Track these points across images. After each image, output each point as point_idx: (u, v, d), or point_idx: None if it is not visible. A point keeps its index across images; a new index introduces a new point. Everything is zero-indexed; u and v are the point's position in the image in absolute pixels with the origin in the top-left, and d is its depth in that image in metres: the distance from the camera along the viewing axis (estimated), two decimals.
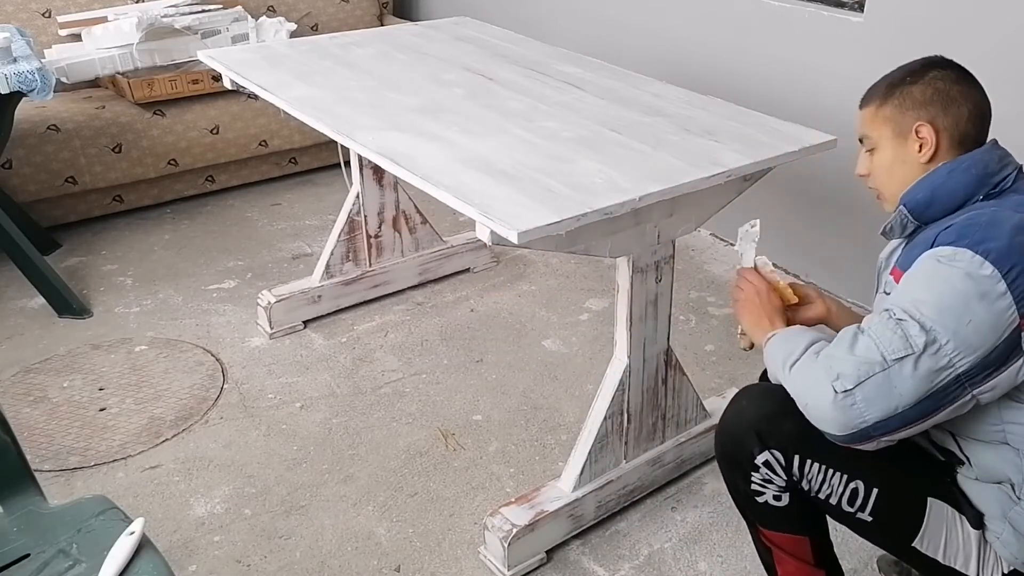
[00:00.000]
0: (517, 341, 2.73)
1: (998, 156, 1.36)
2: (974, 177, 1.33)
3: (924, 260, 1.26)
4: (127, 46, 3.27)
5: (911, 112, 1.39)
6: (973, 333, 1.19)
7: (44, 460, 2.21)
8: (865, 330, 1.25)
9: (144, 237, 3.38)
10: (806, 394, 1.28)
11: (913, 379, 1.20)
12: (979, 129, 1.39)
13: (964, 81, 1.39)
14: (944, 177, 1.35)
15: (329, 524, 2.03)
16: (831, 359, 1.26)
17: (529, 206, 1.54)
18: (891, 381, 1.20)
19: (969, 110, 1.37)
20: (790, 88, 2.85)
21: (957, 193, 1.34)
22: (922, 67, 1.41)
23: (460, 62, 2.44)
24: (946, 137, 1.37)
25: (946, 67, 1.40)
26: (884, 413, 1.21)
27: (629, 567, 1.92)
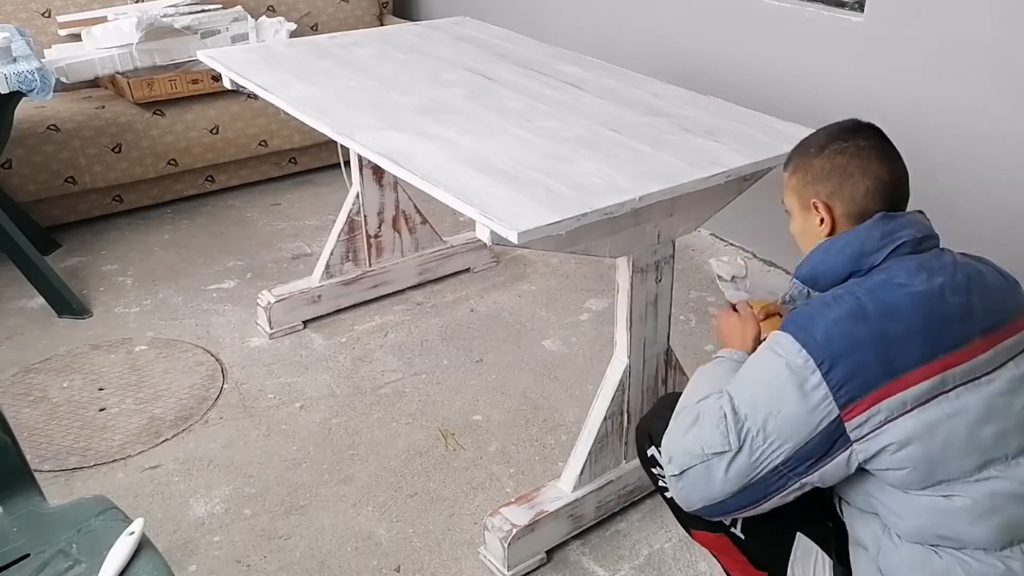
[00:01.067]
0: (517, 341, 2.73)
1: (880, 233, 1.31)
2: (848, 258, 1.32)
3: (764, 345, 1.31)
4: (127, 46, 3.27)
5: (811, 186, 1.38)
6: (784, 424, 1.21)
7: (44, 460, 2.21)
8: (700, 417, 1.29)
9: (144, 237, 3.38)
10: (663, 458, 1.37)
11: (728, 474, 1.25)
12: (879, 203, 1.34)
13: (866, 154, 1.35)
14: (822, 255, 1.36)
15: (329, 524, 2.03)
16: (674, 436, 1.33)
17: (529, 206, 1.54)
18: (709, 473, 1.26)
19: (868, 186, 1.34)
20: (790, 88, 2.85)
21: (835, 271, 1.33)
22: (827, 137, 1.39)
23: (460, 62, 2.44)
24: (842, 213, 1.36)
25: (852, 136, 1.37)
26: (707, 501, 1.29)
27: (629, 567, 1.92)
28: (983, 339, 1.25)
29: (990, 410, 1.22)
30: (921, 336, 1.22)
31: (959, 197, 2.47)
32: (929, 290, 1.25)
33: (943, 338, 1.23)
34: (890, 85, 2.55)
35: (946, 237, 2.55)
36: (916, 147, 2.53)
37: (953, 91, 2.41)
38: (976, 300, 1.27)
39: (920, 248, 1.31)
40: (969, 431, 1.21)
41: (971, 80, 2.36)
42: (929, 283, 1.26)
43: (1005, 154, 2.33)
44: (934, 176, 2.52)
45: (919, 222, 1.34)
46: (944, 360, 1.21)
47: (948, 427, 1.20)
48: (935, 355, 1.21)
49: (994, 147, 2.35)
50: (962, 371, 1.22)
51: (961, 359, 1.23)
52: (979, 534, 1.22)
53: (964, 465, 1.21)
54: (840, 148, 1.36)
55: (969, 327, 1.25)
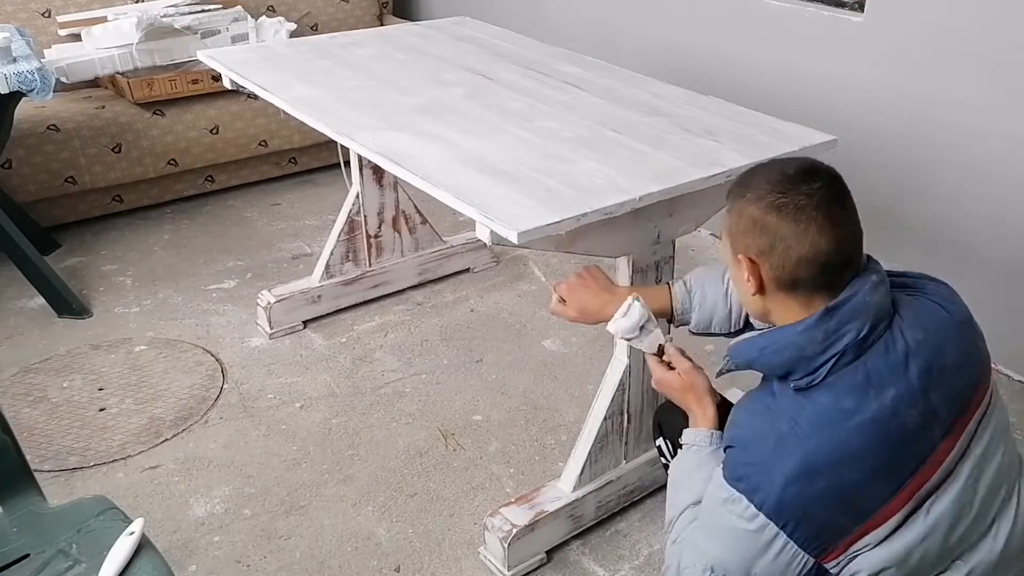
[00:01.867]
0: (517, 341, 2.73)
1: (822, 335, 1.15)
2: (788, 360, 1.18)
3: (712, 495, 1.23)
4: (127, 46, 3.27)
5: (741, 237, 1.21)
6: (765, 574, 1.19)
7: (44, 460, 2.21)
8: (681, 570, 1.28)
9: (144, 237, 3.38)
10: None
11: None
12: (815, 275, 1.17)
13: (805, 216, 1.14)
14: (757, 353, 1.23)
15: (329, 524, 2.03)
16: None
17: (529, 206, 1.54)
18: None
19: (800, 256, 1.15)
20: (790, 88, 2.85)
21: (773, 369, 1.22)
22: (768, 183, 1.19)
23: (460, 62, 2.44)
24: (771, 277, 1.20)
25: (795, 190, 1.16)
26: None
27: (629, 567, 1.92)
28: (947, 441, 1.17)
29: (959, 513, 1.18)
30: (883, 474, 1.13)
31: (959, 196, 2.47)
32: (880, 414, 1.13)
33: (905, 464, 1.14)
34: (890, 85, 2.55)
35: (947, 238, 2.56)
36: (916, 146, 2.54)
37: (953, 90, 2.41)
38: (936, 398, 1.16)
39: (866, 345, 1.16)
40: (942, 543, 1.18)
41: (971, 79, 2.36)
42: (879, 403, 1.13)
43: (1005, 153, 2.33)
44: (934, 175, 2.52)
45: (866, 306, 1.16)
46: (910, 486, 1.15)
47: (923, 548, 1.17)
48: (901, 485, 1.14)
49: (994, 146, 2.35)
50: (932, 485, 1.17)
51: (928, 475, 1.16)
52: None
53: (934, 570, 1.21)
54: (778, 203, 1.16)
55: (931, 436, 1.16)
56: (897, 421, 1.14)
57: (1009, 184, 2.35)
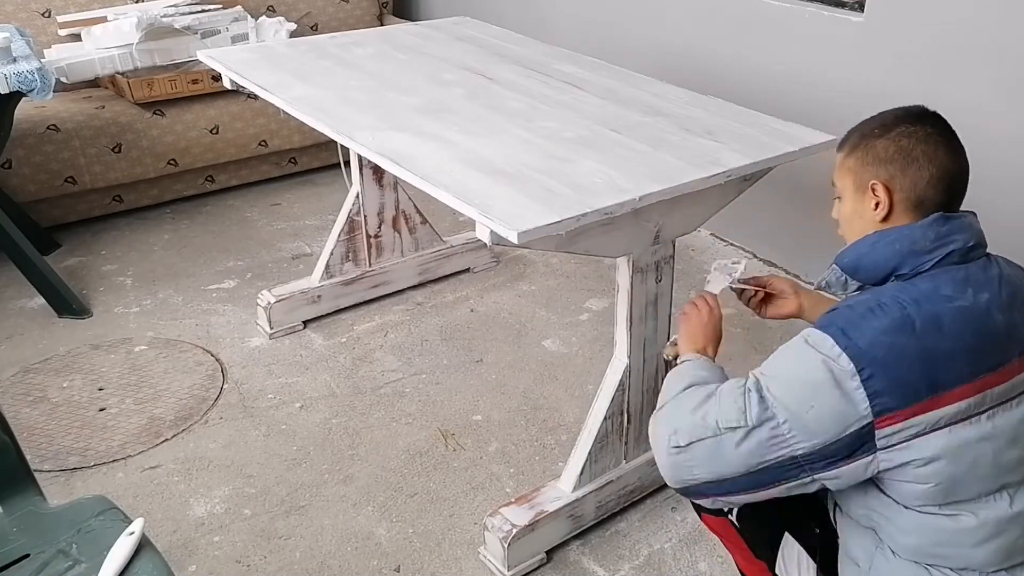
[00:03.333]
0: (517, 341, 2.73)
1: (935, 235, 1.25)
2: (896, 253, 1.26)
3: (797, 338, 1.26)
4: (127, 46, 3.27)
5: (871, 167, 1.32)
6: (814, 420, 1.18)
7: (44, 460, 2.21)
8: (714, 395, 1.27)
9: (144, 237, 3.38)
10: (652, 439, 1.34)
11: (739, 450, 1.22)
12: (941, 192, 1.28)
13: (934, 140, 1.29)
14: (869, 247, 1.30)
15: (329, 524, 2.03)
16: (677, 412, 1.30)
17: (529, 206, 1.54)
18: (720, 448, 1.23)
19: (932, 173, 1.28)
20: (790, 88, 2.85)
21: (879, 266, 1.28)
22: (894, 119, 1.33)
23: (460, 62, 2.44)
24: (901, 198, 1.29)
25: (919, 122, 1.31)
26: (713, 476, 1.25)
27: (629, 567, 1.92)
28: (1020, 360, 1.23)
29: (1018, 434, 1.21)
30: (966, 355, 1.19)
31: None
32: (975, 306, 1.21)
33: (986, 358, 1.20)
34: (890, 85, 2.55)
35: None
36: None
37: (953, 91, 2.41)
38: (1019, 319, 1.24)
39: (969, 257, 1.26)
40: (996, 455, 1.19)
41: (971, 80, 2.36)
42: (976, 299, 1.22)
43: (1006, 154, 2.33)
44: None
45: (972, 227, 1.29)
46: (984, 380, 1.19)
47: (978, 449, 1.18)
48: (977, 375, 1.18)
49: (994, 147, 2.35)
50: (999, 392, 1.20)
51: (1000, 380, 1.20)
52: (979, 556, 1.21)
53: (983, 487, 1.20)
54: (907, 131, 1.30)
55: (1009, 348, 1.22)
56: (988, 318, 1.22)
57: (1009, 184, 2.35)
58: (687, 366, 1.45)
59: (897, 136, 1.30)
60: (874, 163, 1.31)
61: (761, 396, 1.21)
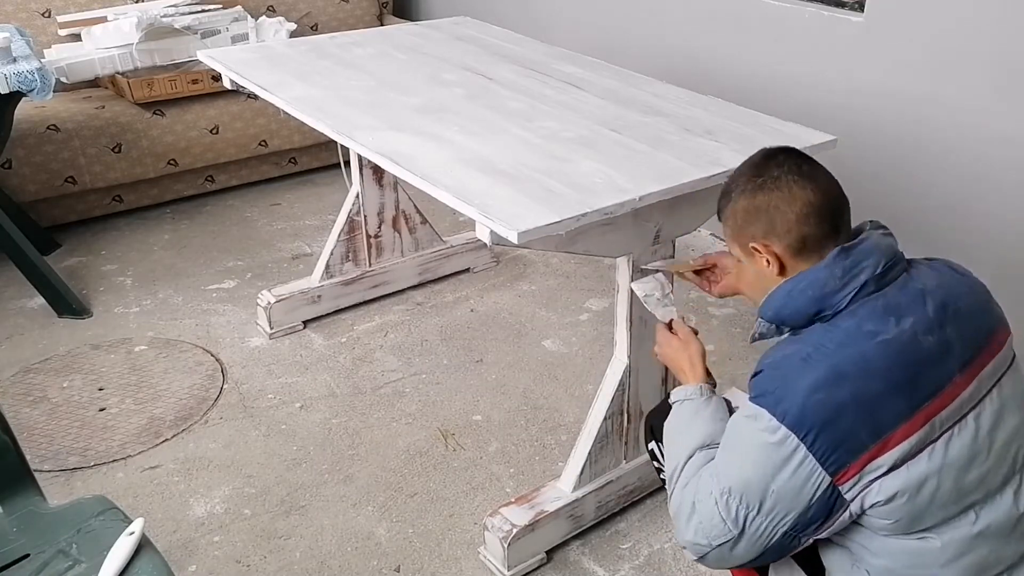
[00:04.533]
0: (517, 341, 2.73)
1: (841, 271, 1.24)
2: (810, 300, 1.25)
3: (736, 416, 1.29)
4: (127, 46, 3.27)
5: (745, 230, 1.33)
6: (780, 499, 1.19)
7: (44, 460, 2.21)
8: (696, 507, 1.28)
9: (144, 237, 3.38)
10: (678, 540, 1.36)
11: (741, 551, 1.25)
12: (816, 225, 1.27)
13: (783, 182, 1.28)
14: (784, 298, 1.29)
15: (329, 524, 2.03)
16: (680, 520, 1.32)
17: (529, 206, 1.54)
18: (724, 554, 1.27)
19: (796, 213, 1.27)
20: (790, 88, 2.85)
21: (799, 313, 1.27)
22: (741, 177, 1.34)
23: (460, 62, 2.44)
24: (783, 248, 1.29)
25: (763, 171, 1.31)
26: (736, 565, 1.30)
27: (629, 567, 1.92)
28: (963, 375, 1.21)
29: (974, 455, 1.20)
30: (899, 391, 1.18)
31: (958, 196, 2.47)
32: (899, 336, 1.20)
33: (920, 388, 1.19)
34: (890, 85, 2.55)
35: (947, 238, 2.56)
36: (915, 146, 2.54)
37: (953, 91, 2.41)
38: (951, 332, 1.23)
39: (885, 280, 1.25)
40: (955, 481, 1.19)
41: (971, 80, 2.36)
42: (899, 328, 1.21)
43: (1006, 154, 2.33)
44: (934, 175, 2.52)
45: (879, 246, 1.27)
46: (928, 409, 1.18)
47: (936, 480, 1.18)
48: (919, 406, 1.18)
49: (995, 147, 2.35)
50: (947, 414, 1.19)
51: (944, 403, 1.19)
52: (950, 574, 1.22)
53: (947, 512, 1.21)
54: (757, 184, 1.31)
55: (948, 366, 1.21)
56: (916, 344, 1.20)
57: (1009, 184, 2.35)
58: (675, 417, 1.46)
59: (750, 193, 1.31)
60: (744, 226, 1.33)
61: (730, 502, 1.24)
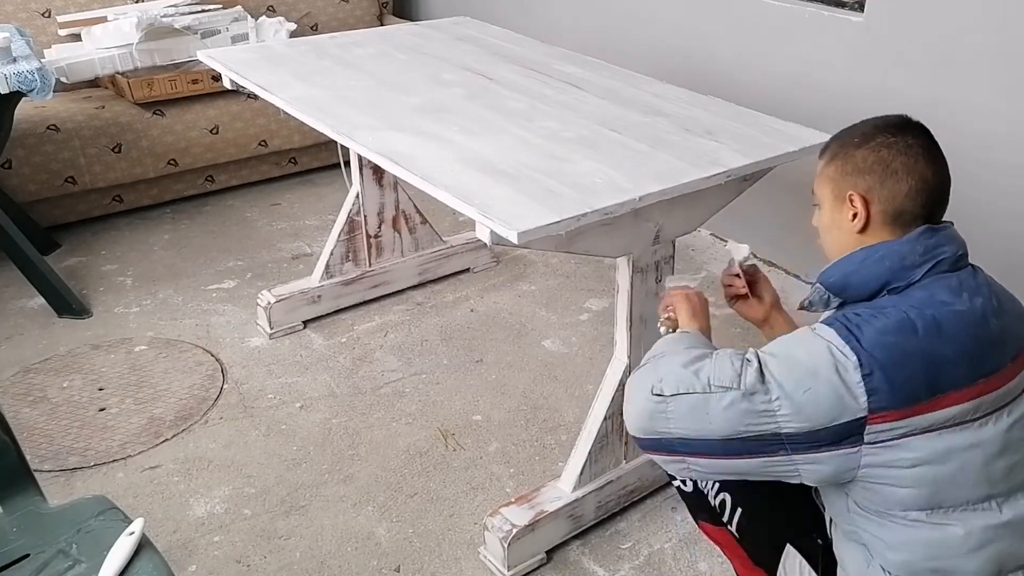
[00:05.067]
0: (517, 341, 2.73)
1: (923, 248, 1.24)
2: (887, 270, 1.24)
3: (803, 328, 1.27)
4: (127, 46, 3.27)
5: (849, 177, 1.30)
6: (808, 403, 1.16)
7: (44, 460, 2.21)
8: (714, 356, 1.25)
9: (144, 237, 3.38)
10: (629, 387, 1.30)
11: (725, 412, 1.19)
12: (920, 205, 1.27)
13: (914, 152, 1.28)
14: (857, 265, 1.27)
15: (329, 524, 2.03)
16: (667, 364, 1.26)
17: (529, 206, 1.54)
18: (705, 405, 1.20)
19: (911, 185, 1.26)
20: (790, 88, 2.85)
21: (868, 283, 1.26)
22: (875, 129, 1.32)
23: (460, 62, 2.44)
24: (879, 210, 1.28)
25: (901, 133, 1.30)
26: (688, 433, 1.21)
27: (629, 567, 1.92)
28: (1013, 365, 1.22)
29: (1007, 444, 1.20)
30: (966, 359, 1.18)
31: (959, 198, 2.46)
32: (972, 311, 1.21)
33: (983, 362, 1.19)
34: (890, 85, 2.55)
35: None
36: None
37: (953, 91, 2.40)
38: (1009, 324, 1.24)
39: (957, 266, 1.26)
40: (985, 463, 1.19)
41: (971, 80, 2.36)
42: (971, 304, 1.21)
43: (1006, 154, 2.33)
44: None
45: (957, 238, 1.29)
46: (981, 386, 1.18)
47: (965, 457, 1.17)
48: (975, 380, 1.18)
49: (995, 147, 2.35)
50: (994, 398, 1.20)
51: (996, 385, 1.20)
52: (971, 567, 1.20)
53: (970, 495, 1.19)
54: (887, 142, 1.29)
55: (1004, 353, 1.22)
56: (985, 323, 1.21)
57: (1009, 184, 2.35)
58: (687, 334, 1.42)
59: (877, 146, 1.29)
60: (853, 173, 1.30)
61: (760, 368, 1.20)
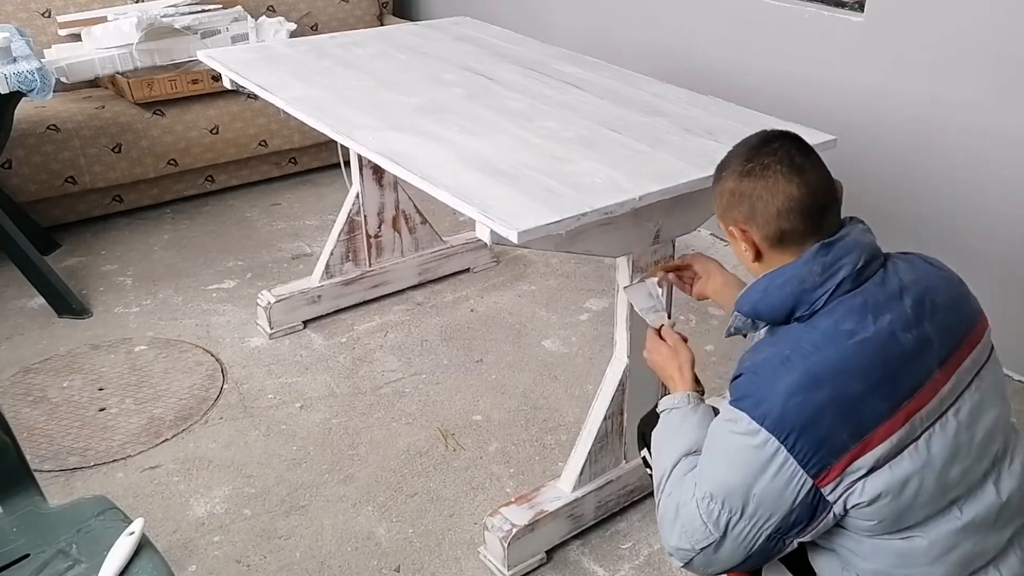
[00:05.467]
0: (517, 341, 2.73)
1: (820, 267, 1.22)
2: (789, 295, 1.24)
3: (717, 421, 1.27)
4: (127, 46, 3.27)
5: (728, 213, 1.31)
6: (762, 504, 1.19)
7: (44, 460, 2.21)
8: (679, 512, 1.27)
9: (144, 237, 3.38)
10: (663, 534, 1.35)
11: (725, 554, 1.24)
12: (799, 222, 1.25)
13: (771, 172, 1.25)
14: (761, 293, 1.28)
15: (329, 524, 2.03)
16: (665, 526, 1.30)
17: (529, 206, 1.54)
18: (708, 559, 1.26)
19: (778, 207, 1.24)
20: (790, 88, 2.85)
21: (776, 309, 1.26)
22: (734, 157, 1.31)
23: (460, 62, 2.44)
24: (761, 238, 1.28)
25: (757, 155, 1.27)
26: (722, 570, 1.28)
27: (629, 567, 1.92)
28: (942, 371, 1.21)
29: (956, 451, 1.20)
30: (879, 391, 1.17)
31: (959, 196, 2.47)
32: (878, 335, 1.19)
33: (902, 383, 1.18)
34: (890, 85, 2.55)
35: (945, 239, 2.56)
36: (915, 146, 2.54)
37: (953, 91, 2.41)
38: (929, 328, 1.22)
39: (863, 277, 1.23)
40: (938, 478, 1.19)
41: (971, 80, 2.36)
42: (877, 325, 1.19)
43: (1006, 154, 2.33)
44: (934, 175, 2.52)
45: (859, 243, 1.25)
46: (908, 407, 1.18)
47: (918, 479, 1.18)
48: (899, 404, 1.17)
49: (995, 147, 2.35)
50: (927, 412, 1.19)
51: (924, 400, 1.19)
52: (938, 572, 1.22)
53: (931, 509, 1.21)
54: (745, 169, 1.28)
55: (927, 362, 1.20)
56: (894, 342, 1.19)
57: (1009, 184, 2.35)
58: (663, 426, 1.45)
59: (738, 176, 1.28)
60: (728, 208, 1.31)
61: (711, 506, 1.23)
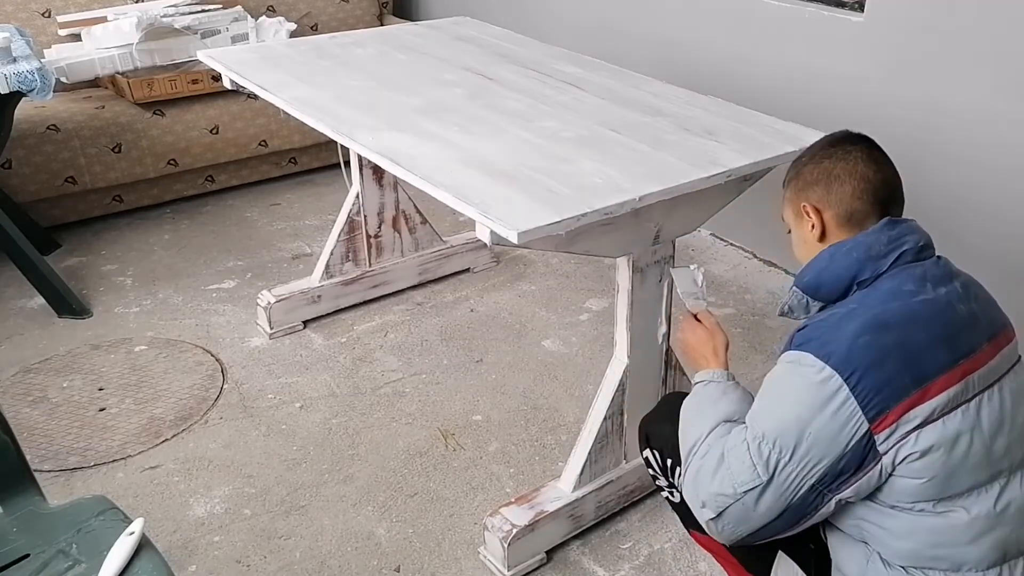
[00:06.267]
0: (517, 341, 2.73)
1: (887, 238, 1.31)
2: (855, 261, 1.30)
3: (777, 367, 1.30)
4: (127, 46, 3.27)
5: (802, 193, 1.40)
6: (814, 444, 1.19)
7: (44, 460, 2.21)
8: (725, 455, 1.27)
9: (144, 237, 3.38)
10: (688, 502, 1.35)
11: (765, 504, 1.24)
12: (868, 203, 1.35)
13: (852, 157, 1.36)
14: (827, 261, 1.34)
15: (329, 524, 2.03)
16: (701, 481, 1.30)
17: (529, 206, 1.54)
18: (746, 509, 1.26)
19: (854, 187, 1.35)
20: (790, 88, 2.85)
21: (840, 276, 1.31)
22: (819, 146, 1.43)
23: (460, 62, 2.44)
24: (831, 215, 1.36)
25: (840, 144, 1.40)
26: (751, 529, 1.28)
27: (629, 567, 1.92)
28: (990, 345, 1.27)
29: (1001, 423, 1.23)
30: (943, 343, 1.22)
31: (959, 196, 2.47)
32: (937, 299, 1.26)
33: (960, 344, 1.23)
34: (890, 85, 2.55)
35: (946, 239, 2.55)
36: (915, 146, 2.54)
37: (953, 91, 2.41)
38: (977, 308, 1.29)
39: (921, 256, 1.31)
40: (985, 444, 1.21)
41: (971, 80, 2.36)
42: (936, 292, 1.27)
43: (1005, 154, 2.33)
44: (933, 175, 2.52)
45: (919, 230, 1.34)
46: (964, 366, 1.22)
47: (968, 438, 1.20)
48: (956, 361, 1.22)
49: (994, 147, 2.35)
50: (980, 376, 1.23)
51: (978, 364, 1.24)
52: (975, 553, 1.22)
53: (976, 478, 1.22)
54: (828, 154, 1.39)
55: (978, 334, 1.26)
56: (952, 309, 1.27)
57: (1009, 184, 2.35)
58: (700, 396, 1.45)
59: (820, 159, 1.39)
60: (804, 189, 1.40)
61: (762, 445, 1.23)
